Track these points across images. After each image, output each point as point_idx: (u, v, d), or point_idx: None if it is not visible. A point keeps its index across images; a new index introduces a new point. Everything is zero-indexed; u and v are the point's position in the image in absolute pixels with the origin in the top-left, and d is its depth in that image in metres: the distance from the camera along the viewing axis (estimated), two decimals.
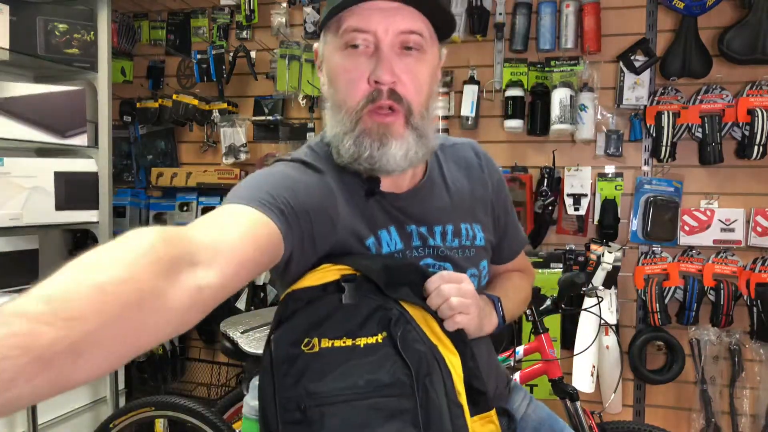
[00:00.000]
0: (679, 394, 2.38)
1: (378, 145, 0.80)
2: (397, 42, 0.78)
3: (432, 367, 0.74)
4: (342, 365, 0.72)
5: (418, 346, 0.75)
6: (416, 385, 0.72)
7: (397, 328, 0.75)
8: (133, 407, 1.96)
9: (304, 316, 0.75)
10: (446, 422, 0.72)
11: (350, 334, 0.74)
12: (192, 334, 2.93)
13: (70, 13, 2.28)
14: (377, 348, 0.74)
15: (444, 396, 0.73)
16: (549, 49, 2.38)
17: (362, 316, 0.75)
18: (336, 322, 0.74)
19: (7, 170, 2.06)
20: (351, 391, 0.71)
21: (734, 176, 2.30)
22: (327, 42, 0.84)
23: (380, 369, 0.73)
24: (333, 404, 0.70)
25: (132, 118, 2.95)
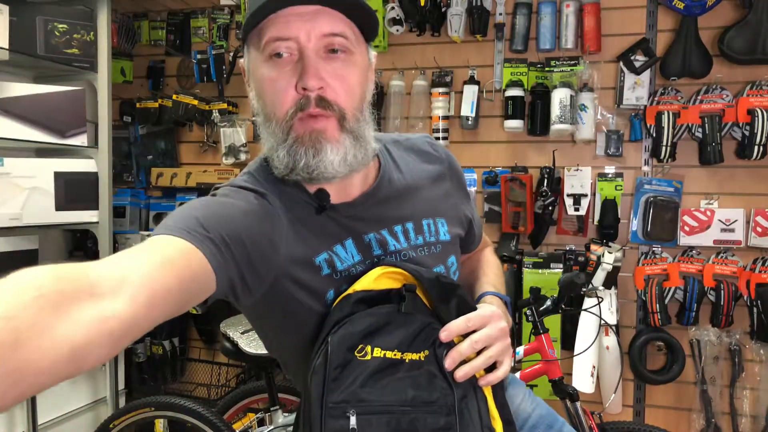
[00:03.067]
0: (680, 395, 2.38)
1: (313, 152, 0.77)
2: (321, 46, 0.76)
3: (468, 390, 0.77)
4: (389, 377, 0.74)
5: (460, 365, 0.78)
6: (455, 406, 0.75)
7: (442, 349, 0.78)
8: (133, 407, 1.97)
9: (361, 321, 0.76)
10: None
11: (401, 347, 0.76)
12: (192, 334, 2.93)
13: (70, 13, 2.28)
14: (420, 365, 0.76)
15: (479, 419, 0.76)
16: (549, 49, 2.38)
17: (414, 331, 0.77)
18: (390, 333, 0.76)
19: (7, 170, 2.07)
20: (398, 404, 0.73)
21: (734, 176, 2.30)
22: (250, 55, 0.82)
23: (425, 386, 0.75)
24: (379, 414, 0.72)
25: (132, 118, 2.95)
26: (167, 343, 2.76)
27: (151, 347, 2.78)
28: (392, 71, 2.60)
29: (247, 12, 0.78)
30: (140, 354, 2.79)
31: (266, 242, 0.77)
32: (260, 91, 0.80)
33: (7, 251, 2.21)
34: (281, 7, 0.74)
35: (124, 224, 2.85)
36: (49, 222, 2.18)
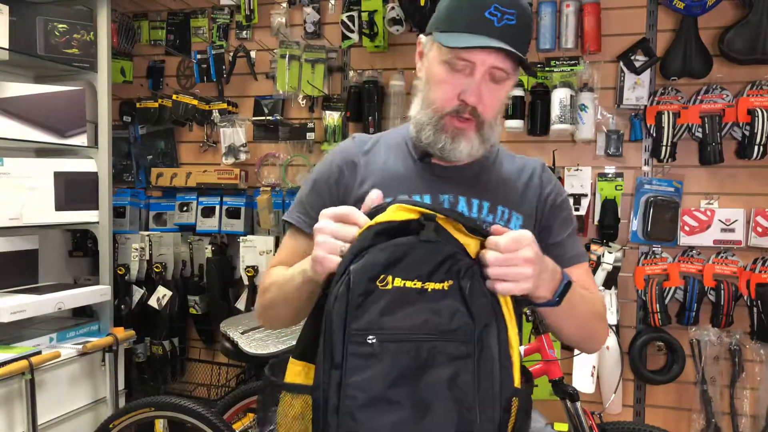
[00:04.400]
0: (680, 395, 2.38)
1: (451, 141, 1.00)
2: (487, 73, 0.98)
3: (490, 319, 0.82)
4: (411, 305, 0.79)
5: (482, 299, 0.82)
6: (475, 334, 0.80)
7: (466, 280, 0.81)
8: (133, 407, 1.97)
9: (383, 252, 0.80)
10: (496, 372, 0.80)
11: (421, 277, 0.80)
12: (192, 334, 2.93)
13: (70, 13, 2.28)
14: (444, 294, 0.80)
15: (497, 348, 0.81)
16: (549, 49, 2.38)
17: (436, 261, 0.81)
18: (411, 263, 0.80)
19: (7, 170, 2.06)
20: (418, 332, 0.78)
21: (734, 176, 2.30)
22: (434, 47, 1.02)
23: (446, 315, 0.79)
24: (399, 341, 0.77)
25: (132, 118, 2.95)
26: (167, 343, 2.76)
27: (151, 347, 2.78)
28: (392, 71, 2.60)
29: (445, 18, 0.99)
30: (140, 354, 2.79)
31: (341, 194, 1.07)
32: (430, 79, 1.02)
33: (7, 251, 2.21)
34: (478, 48, 0.96)
35: (124, 224, 2.85)
36: (49, 222, 2.18)
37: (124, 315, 2.70)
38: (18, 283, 2.25)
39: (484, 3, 0.94)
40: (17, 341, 2.03)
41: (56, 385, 2.06)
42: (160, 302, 2.71)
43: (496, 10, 0.93)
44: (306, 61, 2.63)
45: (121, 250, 2.74)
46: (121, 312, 2.68)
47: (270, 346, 1.82)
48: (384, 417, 0.75)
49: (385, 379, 0.76)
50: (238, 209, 2.75)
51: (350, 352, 0.76)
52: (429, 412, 0.76)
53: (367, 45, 2.56)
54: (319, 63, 2.63)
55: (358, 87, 2.58)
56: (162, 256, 2.76)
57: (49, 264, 2.55)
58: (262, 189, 2.72)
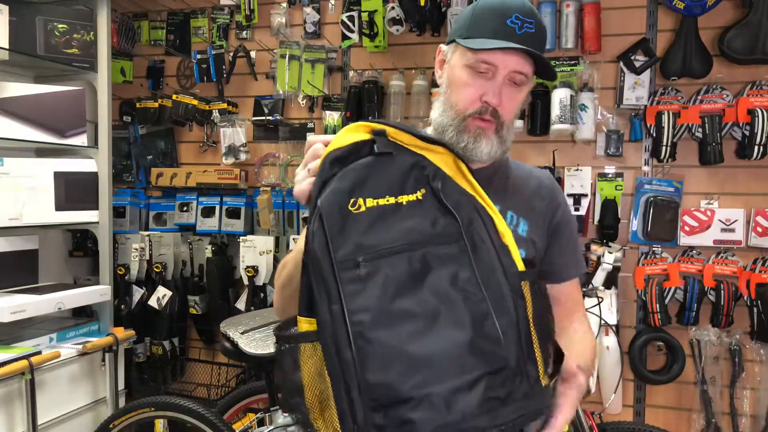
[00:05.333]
0: (680, 395, 2.37)
1: (473, 141, 1.03)
2: (508, 76, 1.02)
3: (473, 215, 0.83)
4: (390, 221, 0.80)
5: (458, 197, 0.84)
6: (463, 232, 0.81)
7: (436, 182, 0.83)
8: (133, 407, 1.97)
9: (345, 178, 0.81)
10: (495, 261, 0.81)
11: (392, 192, 0.81)
12: (192, 334, 2.93)
13: (70, 13, 2.28)
14: (420, 204, 0.82)
15: (489, 239, 0.82)
16: (549, 49, 2.38)
17: (400, 174, 0.82)
18: (377, 181, 0.81)
19: (7, 170, 2.06)
20: (403, 241, 0.78)
21: (734, 176, 2.30)
22: (456, 53, 1.06)
23: (427, 221, 0.81)
24: (388, 256, 0.77)
25: (132, 118, 2.95)
26: (167, 343, 2.76)
27: (151, 347, 2.78)
28: (392, 71, 2.60)
29: (469, 26, 1.02)
30: (140, 354, 2.79)
31: None
32: (453, 83, 1.06)
33: (7, 251, 2.21)
34: (500, 50, 1.00)
35: (124, 224, 2.85)
36: (49, 222, 2.18)
37: (124, 315, 2.69)
38: (18, 283, 2.25)
39: (505, 12, 0.99)
40: (17, 341, 2.03)
41: (56, 385, 2.06)
42: (160, 302, 2.71)
43: (517, 19, 0.99)
44: (306, 61, 2.63)
45: (121, 250, 2.74)
46: (121, 312, 2.68)
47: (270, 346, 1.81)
48: (396, 330, 0.74)
49: (385, 295, 0.75)
50: (238, 209, 2.75)
51: (343, 281, 0.75)
52: (440, 315, 0.75)
53: (367, 45, 2.56)
54: (319, 63, 2.63)
55: (358, 87, 2.58)
56: (162, 256, 2.76)
57: (49, 264, 2.55)
58: (262, 189, 2.72)
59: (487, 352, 0.75)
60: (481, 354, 0.75)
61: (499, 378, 0.76)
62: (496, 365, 0.76)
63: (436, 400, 0.72)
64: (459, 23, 1.07)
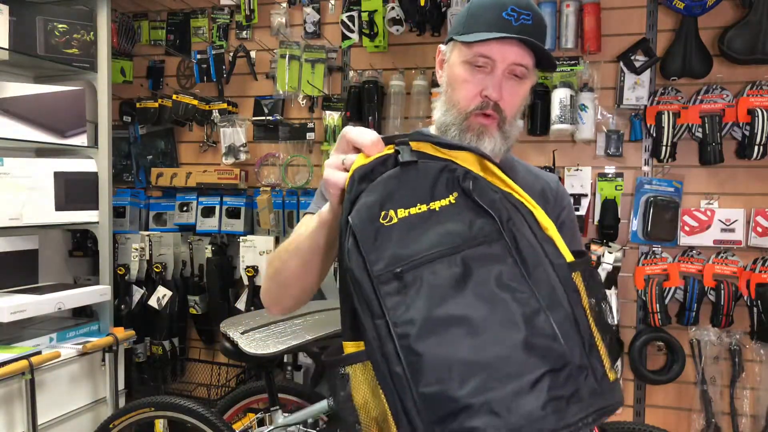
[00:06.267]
0: (680, 395, 2.38)
1: (476, 138, 1.03)
2: (508, 69, 1.01)
3: (511, 211, 0.79)
4: (424, 229, 0.77)
5: (492, 195, 0.80)
6: (502, 229, 0.77)
7: (467, 183, 0.80)
8: (133, 408, 1.96)
9: (373, 192, 0.79)
10: (540, 255, 0.76)
11: (422, 199, 0.78)
12: (192, 334, 2.93)
13: (70, 13, 2.28)
14: (453, 207, 0.78)
15: (531, 234, 0.78)
16: (549, 49, 2.38)
17: (429, 180, 0.80)
18: (406, 191, 0.79)
19: (7, 170, 2.06)
20: (441, 247, 0.75)
21: (734, 176, 2.30)
22: (455, 51, 1.06)
23: (463, 223, 0.77)
24: (427, 264, 0.74)
25: (132, 118, 2.95)
26: (167, 343, 2.76)
27: (151, 347, 2.78)
28: (392, 71, 2.60)
29: (465, 23, 1.03)
30: (140, 354, 2.79)
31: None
32: (452, 81, 1.06)
33: (7, 251, 2.21)
34: (496, 40, 0.99)
35: (124, 224, 2.85)
36: (49, 222, 2.18)
37: (124, 315, 2.69)
38: (18, 283, 2.25)
39: (501, 5, 0.98)
40: (17, 341, 2.03)
41: (56, 385, 2.06)
42: (160, 302, 2.71)
43: (513, 11, 0.98)
44: (306, 61, 2.63)
45: (121, 250, 2.74)
46: (121, 312, 2.68)
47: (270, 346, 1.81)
48: (445, 338, 0.70)
49: (429, 303, 0.72)
50: (238, 209, 2.75)
51: (383, 294, 0.73)
52: (488, 317, 0.71)
53: (367, 45, 2.56)
54: (319, 63, 2.63)
55: (358, 87, 2.58)
56: (162, 256, 2.76)
57: (49, 264, 2.55)
58: (262, 189, 2.72)
59: (545, 350, 0.71)
60: (539, 352, 0.70)
61: (562, 376, 0.71)
62: (557, 362, 0.71)
63: (497, 405, 0.68)
64: (456, 21, 1.07)
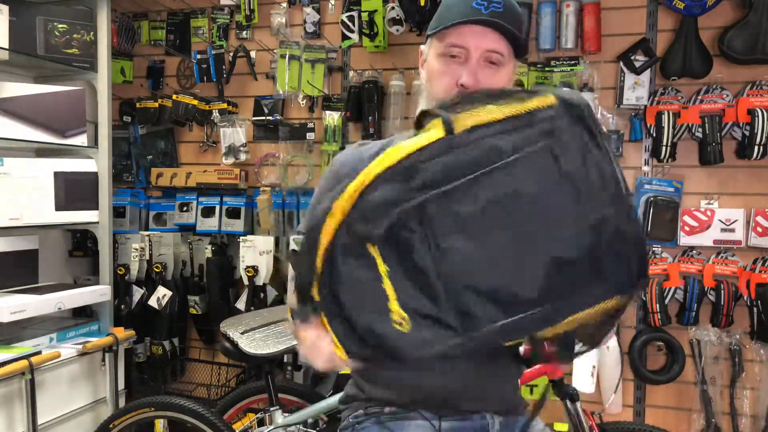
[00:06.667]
0: (680, 395, 2.38)
1: None
2: (482, 57, 1.01)
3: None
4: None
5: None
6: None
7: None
8: (133, 408, 1.96)
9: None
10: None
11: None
12: (192, 334, 2.93)
13: (70, 13, 2.28)
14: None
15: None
16: (549, 49, 2.38)
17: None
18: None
19: (7, 170, 2.06)
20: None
21: (734, 176, 2.30)
22: (431, 46, 1.08)
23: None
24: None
25: (132, 118, 2.95)
26: (167, 343, 2.76)
27: (151, 347, 2.78)
28: (392, 71, 2.60)
29: (437, 18, 1.05)
30: (140, 354, 2.79)
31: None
32: (430, 75, 1.08)
33: (7, 251, 2.21)
34: (466, 24, 1.01)
35: (124, 224, 2.85)
36: (49, 222, 2.18)
37: (124, 315, 2.69)
38: (18, 283, 2.25)
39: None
40: (17, 341, 2.03)
41: (56, 385, 2.06)
42: (160, 302, 2.71)
43: (483, 0, 0.99)
44: (306, 61, 2.63)
45: (121, 250, 2.74)
46: (121, 312, 2.68)
47: (270, 346, 1.81)
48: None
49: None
50: (238, 209, 2.75)
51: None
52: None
53: (367, 45, 2.56)
54: (319, 63, 2.63)
55: (358, 87, 2.58)
56: (162, 256, 2.76)
57: (49, 264, 2.55)
58: (262, 189, 2.72)
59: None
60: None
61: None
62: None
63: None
64: (432, 20, 1.08)
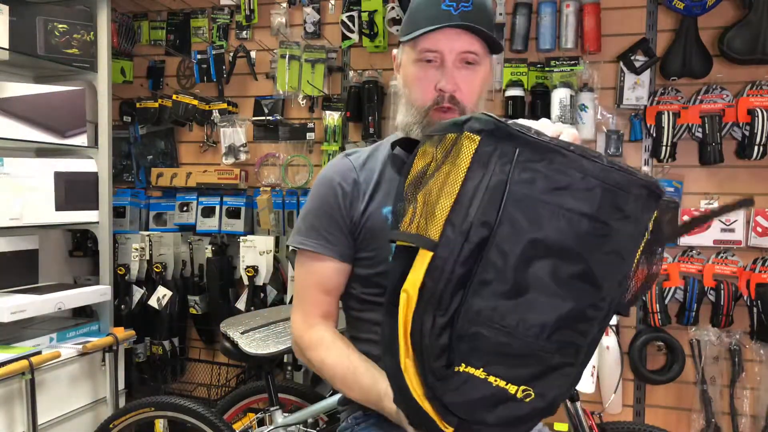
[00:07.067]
0: (680, 395, 2.38)
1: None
2: (458, 59, 1.02)
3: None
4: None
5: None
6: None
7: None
8: (133, 407, 1.96)
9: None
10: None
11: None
12: (192, 334, 2.93)
13: (70, 13, 2.28)
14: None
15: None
16: (549, 49, 2.38)
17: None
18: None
19: (7, 170, 2.06)
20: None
21: (734, 176, 2.30)
22: (405, 52, 1.08)
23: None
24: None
25: (132, 118, 2.95)
26: (167, 343, 2.76)
27: (151, 347, 2.78)
28: (392, 71, 2.59)
29: (408, 22, 1.05)
30: (140, 354, 2.79)
31: (348, 208, 1.09)
32: (407, 81, 1.08)
33: (7, 251, 2.21)
34: (438, 29, 1.00)
35: (124, 224, 2.85)
36: (49, 222, 2.18)
37: (124, 315, 2.70)
38: (18, 283, 2.25)
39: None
40: (17, 341, 2.03)
41: (56, 385, 2.06)
42: (160, 302, 2.71)
43: (452, 1, 0.99)
44: (306, 61, 2.63)
45: (121, 250, 2.74)
46: (121, 312, 2.68)
47: (270, 346, 1.81)
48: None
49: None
50: (238, 209, 2.75)
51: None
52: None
53: (367, 45, 2.56)
54: (319, 63, 2.63)
55: (358, 87, 2.58)
56: (162, 256, 2.76)
57: (49, 264, 2.55)
58: (262, 189, 2.72)
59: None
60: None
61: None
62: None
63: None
64: (402, 25, 1.08)
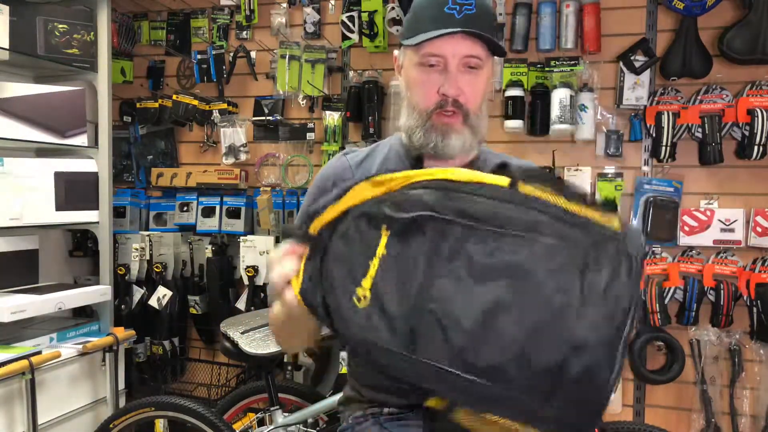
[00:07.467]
0: (679, 395, 2.38)
1: (441, 138, 1.04)
2: (461, 63, 1.02)
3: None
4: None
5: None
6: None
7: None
8: (133, 407, 1.97)
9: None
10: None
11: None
12: (192, 334, 2.93)
13: (70, 13, 2.28)
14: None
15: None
16: (549, 49, 2.38)
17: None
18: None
19: (7, 170, 2.06)
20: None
21: (734, 176, 2.30)
22: (406, 54, 1.08)
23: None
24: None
25: (132, 118, 2.95)
26: (167, 343, 2.76)
27: (151, 347, 2.78)
28: (392, 71, 2.59)
29: (410, 24, 1.05)
30: (140, 354, 2.79)
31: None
32: (409, 84, 1.08)
33: (7, 251, 2.21)
34: (441, 37, 1.00)
35: (124, 224, 2.85)
36: (49, 222, 2.18)
37: (124, 315, 2.70)
38: (18, 283, 2.25)
39: (441, 1, 0.99)
40: (17, 341, 2.03)
41: (56, 385, 2.06)
42: (160, 302, 2.71)
43: (454, 4, 0.99)
44: (306, 61, 2.63)
45: (122, 250, 2.74)
46: (121, 312, 2.68)
47: (270, 346, 1.82)
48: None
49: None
50: (238, 209, 2.75)
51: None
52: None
53: (367, 45, 2.56)
54: (319, 63, 2.63)
55: (358, 87, 2.58)
56: (162, 256, 2.76)
57: (49, 264, 2.55)
58: (262, 189, 2.72)
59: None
60: None
61: None
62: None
63: None
64: (403, 27, 1.08)
